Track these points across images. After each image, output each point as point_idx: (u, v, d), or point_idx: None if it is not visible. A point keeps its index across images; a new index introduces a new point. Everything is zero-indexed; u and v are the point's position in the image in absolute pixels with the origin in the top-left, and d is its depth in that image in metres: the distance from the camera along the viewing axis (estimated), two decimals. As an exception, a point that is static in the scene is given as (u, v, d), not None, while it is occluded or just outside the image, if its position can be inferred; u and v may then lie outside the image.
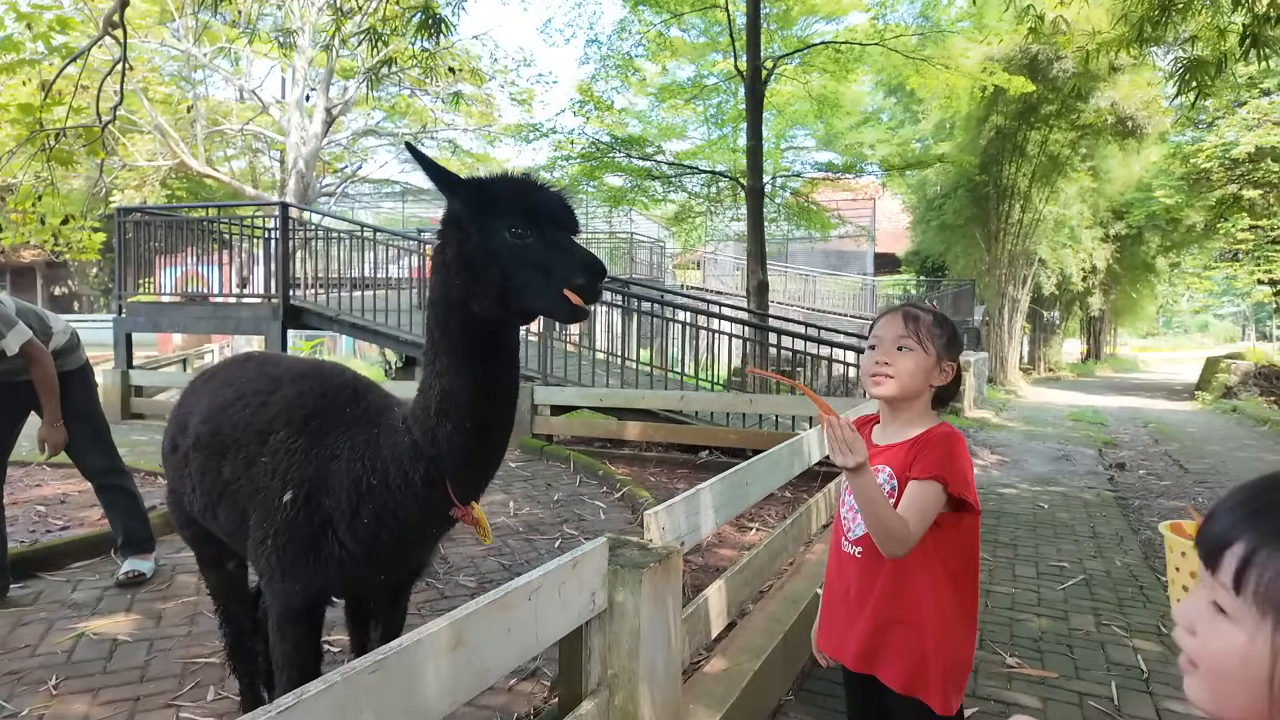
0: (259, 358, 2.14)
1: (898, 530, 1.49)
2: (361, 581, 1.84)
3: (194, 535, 2.17)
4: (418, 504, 1.67)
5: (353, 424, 1.75)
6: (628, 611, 1.89)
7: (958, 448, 1.59)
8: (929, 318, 1.67)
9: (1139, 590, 4.27)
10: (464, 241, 1.57)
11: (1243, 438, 11.19)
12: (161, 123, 16.25)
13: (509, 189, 1.58)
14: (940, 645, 1.60)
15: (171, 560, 4.03)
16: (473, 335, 1.59)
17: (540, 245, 1.53)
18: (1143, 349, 46.82)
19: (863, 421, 1.84)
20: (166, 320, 9.33)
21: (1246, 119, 16.94)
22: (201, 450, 1.91)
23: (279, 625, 1.76)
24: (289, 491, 1.69)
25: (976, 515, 1.62)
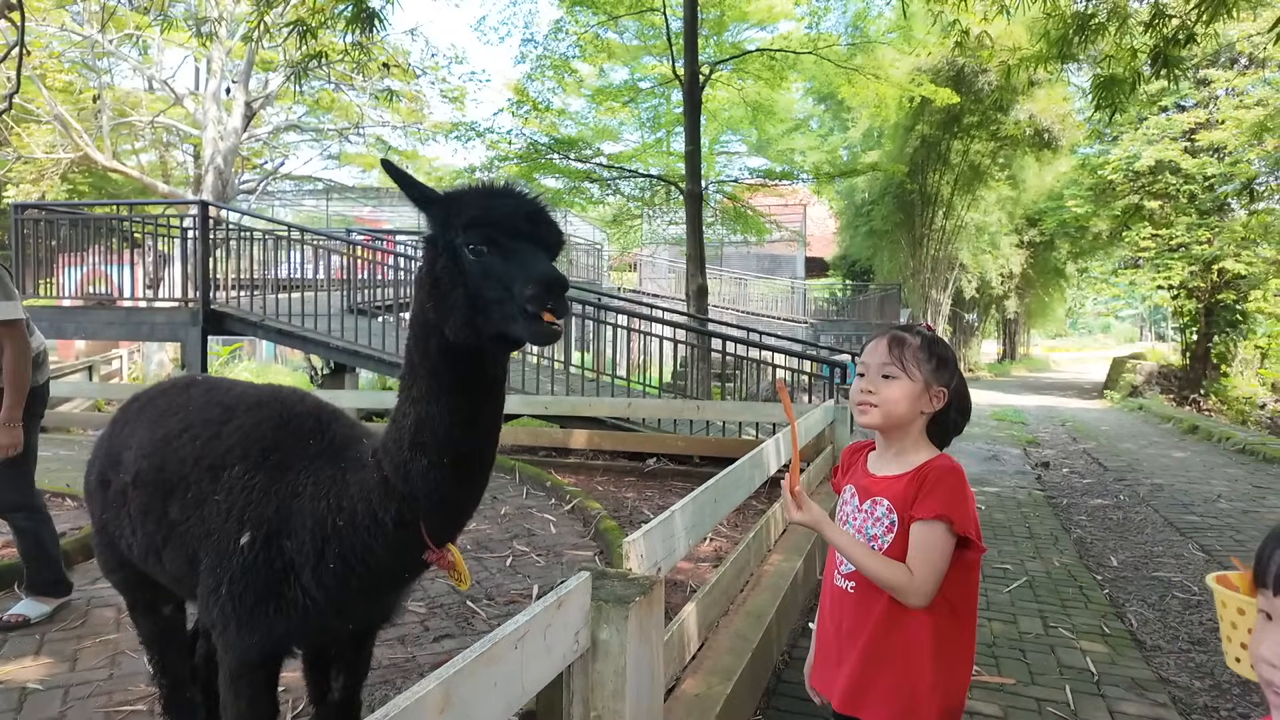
0: (205, 383, 1.94)
1: (900, 581, 1.47)
2: (327, 631, 1.68)
3: (126, 579, 1.95)
4: (388, 547, 1.52)
5: (316, 457, 1.59)
6: (612, 650, 1.78)
7: (961, 483, 1.55)
8: (915, 341, 1.61)
9: (1079, 590, 4.42)
10: (434, 261, 1.44)
11: (1151, 435, 11.87)
12: (61, 112, 15.16)
13: (470, 200, 1.44)
14: (934, 688, 1.55)
15: (86, 593, 3.70)
16: (454, 361, 1.45)
17: (499, 261, 1.38)
18: (1053, 349, 49.38)
19: (857, 448, 1.79)
20: (72, 326, 8.67)
21: (1148, 134, 18.04)
22: (143, 488, 1.71)
23: (232, 681, 1.59)
24: (247, 533, 1.52)
25: (980, 551, 1.58)
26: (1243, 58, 17.27)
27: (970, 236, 20.94)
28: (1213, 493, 7.24)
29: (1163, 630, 3.90)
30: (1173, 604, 4.28)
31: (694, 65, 10.51)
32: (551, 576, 4.20)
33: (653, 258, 23.99)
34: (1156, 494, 7.18)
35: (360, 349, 7.82)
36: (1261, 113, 15.11)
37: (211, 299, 8.15)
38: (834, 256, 27.13)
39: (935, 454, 1.62)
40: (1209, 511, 6.47)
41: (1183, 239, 17.56)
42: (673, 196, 15.22)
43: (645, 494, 6.20)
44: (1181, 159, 17.36)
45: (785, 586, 3.52)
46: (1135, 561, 5.09)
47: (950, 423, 1.65)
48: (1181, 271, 17.53)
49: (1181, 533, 5.79)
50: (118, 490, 1.79)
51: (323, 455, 1.59)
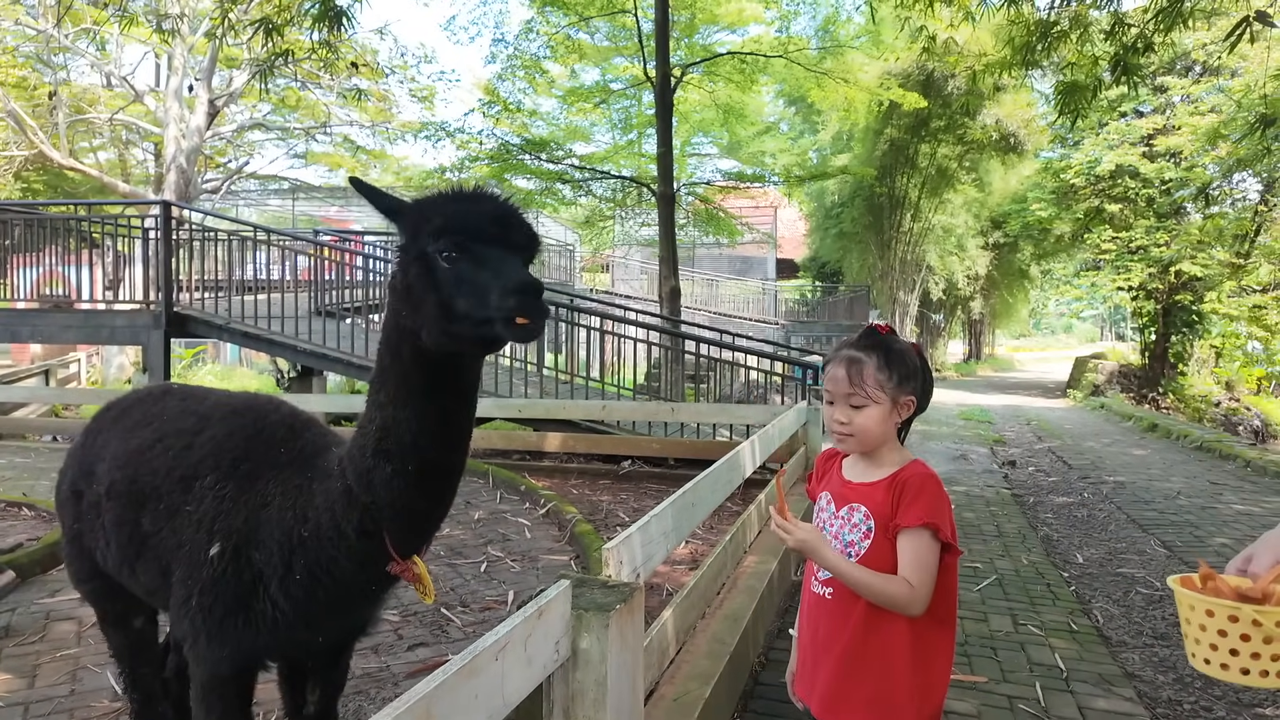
0: (179, 391, 1.89)
1: (900, 594, 1.48)
2: (298, 644, 1.64)
3: (96, 591, 1.89)
4: (352, 558, 1.49)
5: (285, 466, 1.56)
6: (593, 659, 1.77)
7: (940, 489, 1.56)
8: (872, 360, 1.59)
9: (1047, 588, 4.50)
10: (406, 269, 1.42)
11: (1113, 433, 12.15)
12: (15, 108, 14.71)
13: (438, 206, 1.41)
14: (912, 694, 1.55)
15: (44, 606, 3.58)
16: (426, 366, 1.41)
17: (470, 267, 1.35)
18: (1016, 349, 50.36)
19: (831, 454, 1.80)
20: (27, 329, 8.39)
21: (1108, 139, 18.48)
22: (117, 499, 1.67)
23: (203, 696, 1.55)
24: (216, 544, 1.49)
25: (957, 554, 1.59)
26: (1197, 66, 17.79)
27: (938, 238, 21.27)
28: (1172, 489, 7.43)
29: (1128, 626, 3.98)
30: (1136, 600, 4.38)
31: (666, 67, 10.53)
32: (527, 582, 4.17)
33: (625, 259, 24.00)
34: (1119, 491, 7.35)
35: (328, 352, 7.70)
36: (1215, 119, 15.56)
37: (174, 301, 7.95)
38: (804, 258, 27.38)
39: (909, 459, 1.64)
40: (1169, 508, 6.64)
41: (1142, 241, 18.02)
42: (645, 198, 15.24)
43: (620, 497, 6.19)
44: (1140, 164, 17.81)
45: (761, 589, 3.54)
46: (1100, 558, 5.20)
47: (910, 420, 1.66)
48: (1141, 273, 17.98)
49: (1143, 529, 5.93)
50: (91, 502, 1.74)
51: (292, 464, 1.56)
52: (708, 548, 4.75)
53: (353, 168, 23.55)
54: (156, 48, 16.20)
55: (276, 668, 1.81)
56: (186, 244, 8.89)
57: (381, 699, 2.82)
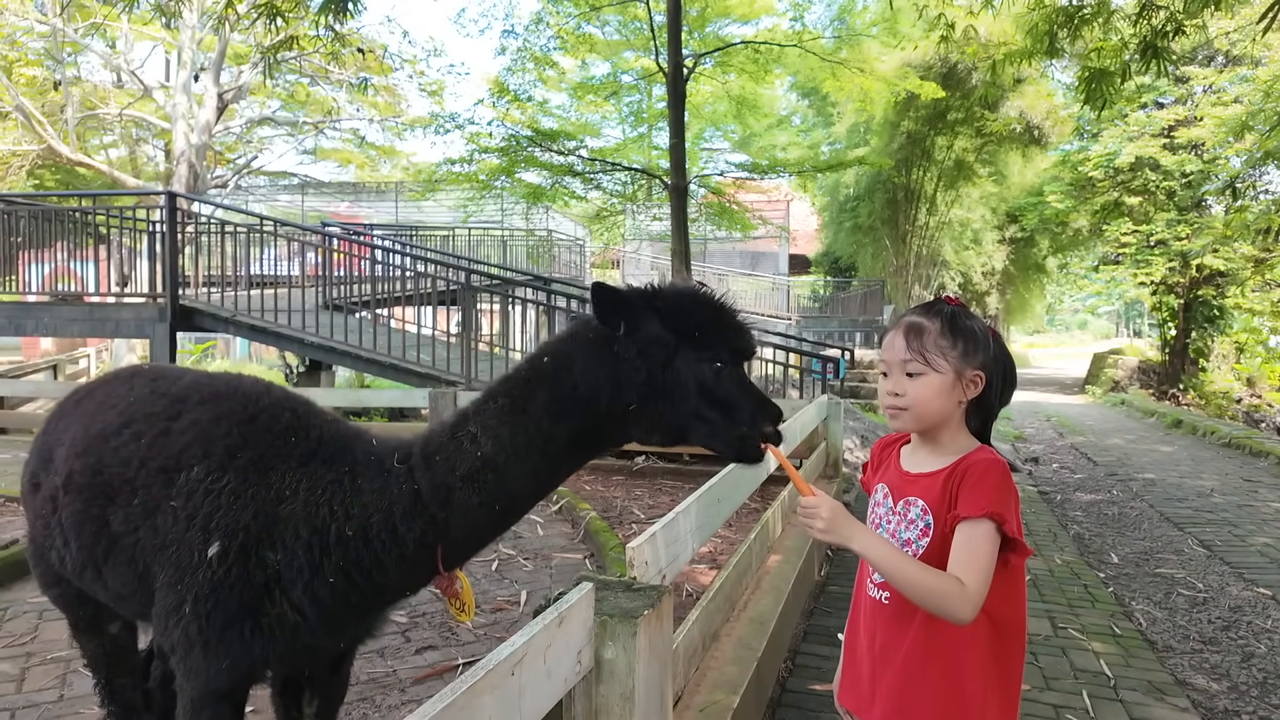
0: (148, 372, 1.71)
1: (950, 591, 1.26)
2: (312, 651, 1.48)
3: (64, 595, 1.72)
4: (400, 565, 1.39)
5: (308, 458, 1.41)
6: (619, 671, 1.59)
7: (1007, 478, 1.36)
8: (934, 326, 1.41)
9: (1084, 589, 4.29)
10: (657, 366, 1.38)
11: (1136, 429, 11.88)
12: (24, 103, 14.66)
13: (714, 318, 1.44)
14: (984, 711, 1.37)
15: (36, 605, 3.44)
16: (586, 441, 1.45)
17: (732, 385, 1.42)
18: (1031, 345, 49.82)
19: (889, 441, 1.61)
20: (33, 322, 8.29)
21: (1128, 130, 18.13)
22: (76, 493, 1.50)
23: (193, 711, 1.38)
24: (216, 544, 1.33)
25: (1025, 555, 1.40)
26: (1220, 55, 17.42)
27: (954, 233, 20.97)
28: (1205, 487, 7.18)
29: (1172, 630, 3.78)
30: (1179, 602, 4.17)
31: (677, 57, 10.33)
32: (540, 581, 4.00)
33: (636, 254, 23.82)
34: (1149, 489, 7.12)
35: (336, 345, 7.55)
36: (1241, 110, 15.21)
37: (181, 294, 7.83)
38: (817, 253, 27.10)
39: (974, 446, 1.44)
40: (1204, 506, 6.40)
41: (1162, 235, 17.67)
42: (656, 192, 15.05)
43: (634, 493, 6.01)
44: (1161, 155, 17.46)
45: (787, 590, 3.35)
46: (1136, 558, 4.98)
47: (993, 400, 1.46)
48: (1161, 267, 17.64)
49: (1179, 527, 5.71)
50: (46, 495, 1.57)
51: (315, 456, 1.41)
52: (728, 546, 4.57)
53: (361, 163, 23.48)
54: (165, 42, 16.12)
55: (271, 678, 1.64)
56: (194, 238, 8.78)
57: (387, 706, 2.65)
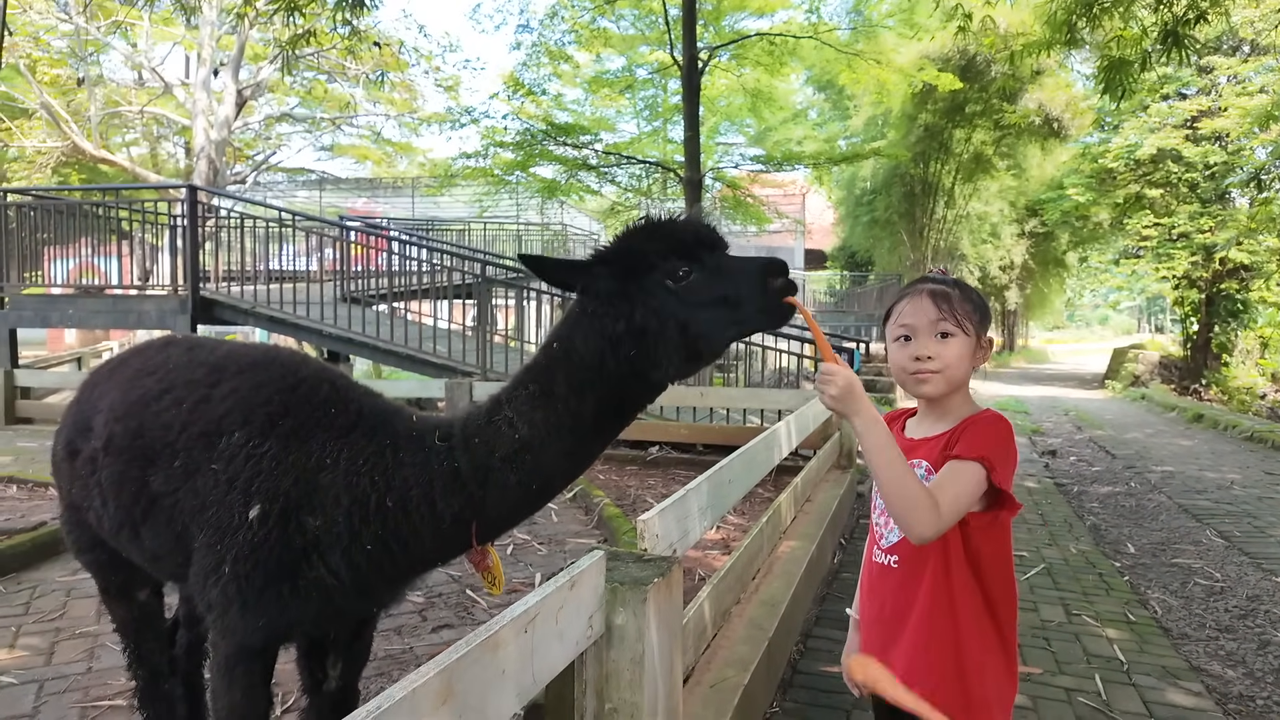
0: (185, 341, 1.75)
1: (921, 502, 1.24)
2: (344, 614, 1.54)
3: (98, 561, 1.78)
4: (436, 537, 1.44)
5: (349, 429, 1.45)
6: (629, 636, 1.62)
7: (1008, 432, 1.38)
8: (957, 292, 1.44)
9: (1099, 578, 4.27)
10: (628, 314, 1.38)
11: (1156, 424, 11.74)
12: (49, 100, 14.90)
13: (647, 238, 1.42)
14: (983, 665, 1.40)
15: (64, 584, 3.53)
16: (614, 408, 1.46)
17: (712, 276, 1.38)
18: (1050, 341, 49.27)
19: (894, 416, 1.62)
20: (57, 314, 8.45)
21: (1149, 122, 17.88)
22: (117, 455, 1.54)
23: (227, 668, 1.43)
24: (256, 506, 1.37)
25: (1015, 509, 1.41)
26: (1245, 44, 17.13)
27: (972, 226, 20.81)
28: (1224, 479, 7.10)
29: (1188, 618, 3.75)
30: (1196, 591, 4.14)
31: (692, 49, 10.33)
32: (554, 564, 4.04)
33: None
34: (1168, 481, 7.05)
35: (354, 336, 7.64)
36: (1266, 100, 14.96)
37: (201, 286, 7.95)
38: (833, 248, 26.98)
39: (979, 408, 1.46)
40: (1223, 498, 6.33)
41: (1185, 228, 17.42)
42: (671, 185, 15.03)
43: (648, 482, 6.05)
44: (1183, 147, 17.20)
45: (799, 574, 3.37)
46: (1153, 548, 4.95)
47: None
48: (1184, 261, 17.40)
49: (1197, 519, 5.66)
50: (86, 458, 1.62)
51: (356, 428, 1.45)
52: (740, 533, 4.59)
53: (378, 159, 23.65)
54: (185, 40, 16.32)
55: (296, 643, 1.68)
56: (214, 233, 8.90)
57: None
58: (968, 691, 1.39)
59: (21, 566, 3.67)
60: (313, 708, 1.70)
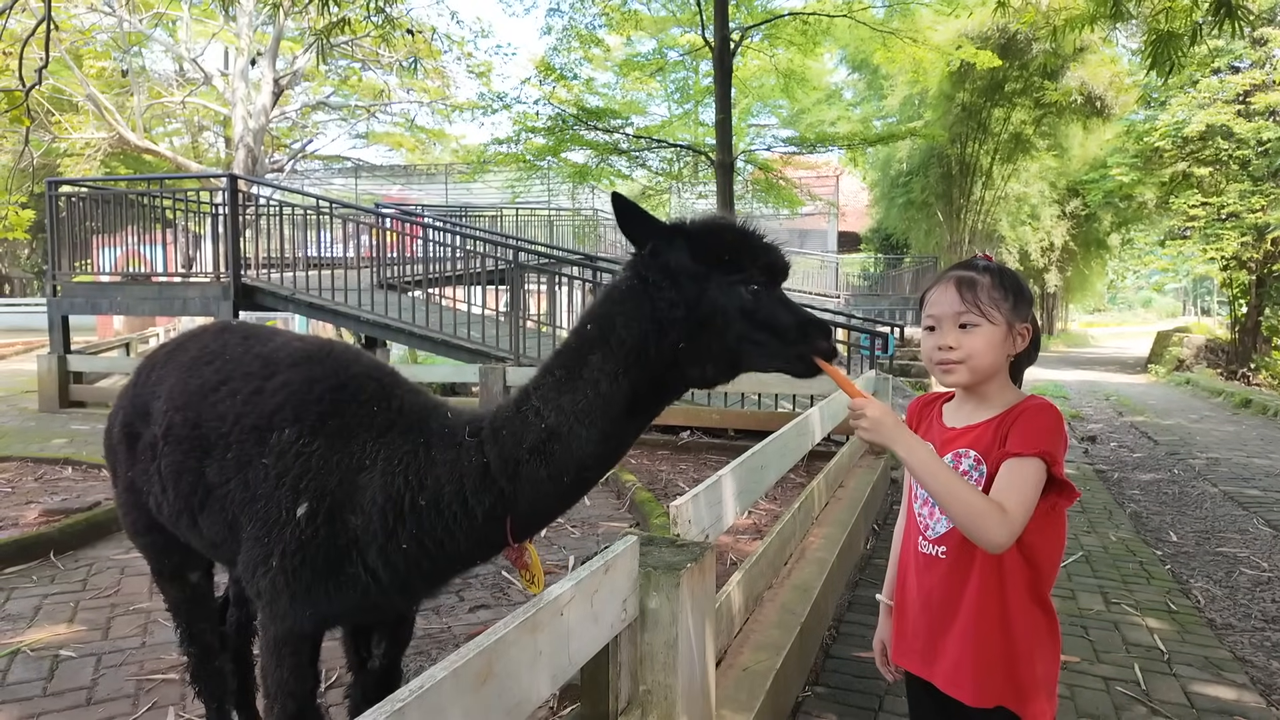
0: (241, 329, 1.79)
1: (991, 512, 1.23)
2: (384, 608, 1.59)
3: (154, 544, 1.85)
4: (470, 536, 1.44)
5: (387, 428, 1.47)
6: (662, 619, 1.65)
7: (1059, 421, 1.35)
8: (986, 279, 1.41)
9: (1140, 566, 4.20)
10: (694, 296, 1.36)
11: (1200, 409, 11.44)
12: (94, 92, 15.28)
13: (742, 241, 1.41)
14: (1032, 651, 1.39)
15: (119, 561, 3.67)
16: (646, 397, 1.42)
17: (776, 304, 1.40)
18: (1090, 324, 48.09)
19: (929, 400, 1.61)
20: (106, 301, 8.72)
21: (1198, 97, 17.25)
22: (176, 444, 1.59)
23: (276, 649, 1.49)
24: (304, 504, 1.41)
25: (1072, 499, 1.39)
26: (1303, 14, 16.40)
27: (1011, 208, 20.33)
28: (1275, 467, 6.91)
29: (1233, 608, 3.68)
30: (1241, 581, 4.05)
31: (724, 30, 10.21)
32: (587, 547, 4.09)
33: (682, 233, 23.69)
34: (1213, 468, 6.88)
35: (390, 322, 7.76)
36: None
37: (242, 273, 8.13)
38: (867, 230, 26.57)
39: (1023, 396, 1.43)
40: (1272, 486, 6.16)
41: (1234, 207, 16.81)
42: (701, 169, 14.93)
43: (679, 467, 6.07)
44: (1234, 123, 16.57)
45: (831, 560, 3.37)
46: (1196, 537, 4.84)
47: (1024, 360, 1.46)
48: (1233, 242, 16.81)
49: (1244, 507, 5.52)
50: (147, 444, 1.68)
51: (395, 426, 1.47)
52: (771, 519, 4.60)
53: (412, 146, 23.84)
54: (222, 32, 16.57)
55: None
56: (254, 221, 9.08)
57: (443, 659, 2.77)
58: (1018, 677, 1.38)
59: (78, 545, 3.82)
60: (357, 685, 1.76)
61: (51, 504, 4.37)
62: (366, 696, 1.75)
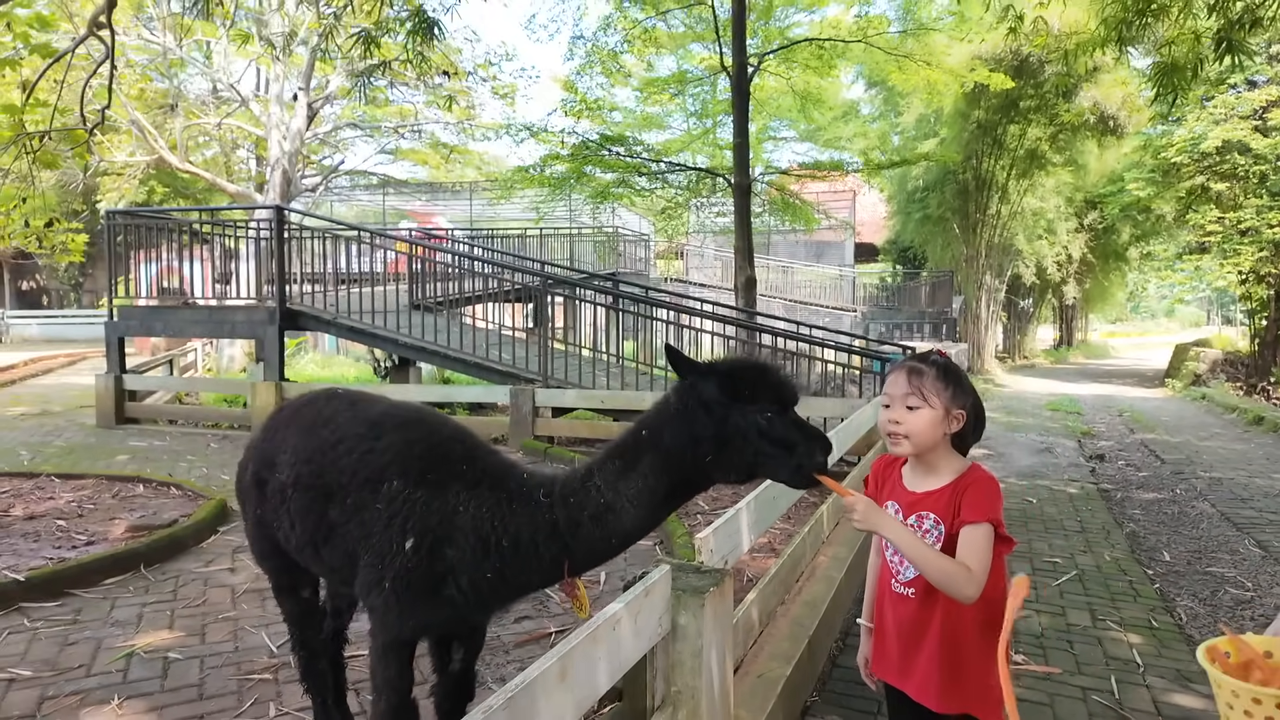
0: (346, 396, 2.22)
1: (960, 574, 1.63)
2: (468, 621, 2.02)
3: (276, 566, 2.27)
4: (538, 572, 1.87)
5: (477, 483, 1.87)
6: (690, 634, 2.04)
7: (997, 490, 1.75)
8: (932, 371, 1.79)
9: (1129, 584, 4.51)
10: (719, 421, 1.76)
11: (1213, 426, 11.61)
12: (139, 118, 15.98)
13: (762, 378, 1.79)
14: (987, 669, 1.75)
15: (202, 574, 4.12)
16: (680, 489, 1.84)
17: (785, 427, 1.75)
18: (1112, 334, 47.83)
19: (889, 461, 1.98)
20: (160, 324, 9.29)
21: (1214, 113, 17.39)
22: (304, 490, 2.01)
23: (384, 653, 1.90)
24: (411, 539, 1.81)
25: (1011, 547, 1.77)
26: (1319, 31, 16.49)
27: (1027, 223, 20.52)
28: (1274, 487, 7.15)
29: (1211, 625, 3.98)
30: (1224, 599, 4.35)
31: (742, 56, 10.58)
32: (616, 565, 4.47)
33: (700, 248, 24.08)
34: (1214, 488, 7.13)
35: (426, 345, 8.22)
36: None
37: (287, 298, 8.63)
38: (885, 241, 26.80)
39: (967, 464, 1.82)
40: (1268, 507, 6.42)
41: (1252, 222, 16.92)
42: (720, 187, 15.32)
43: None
44: (1251, 139, 16.70)
45: (839, 578, 3.73)
46: (1188, 556, 5.14)
47: (969, 435, 1.84)
48: (1251, 257, 16.91)
49: (1238, 528, 5.79)
50: (275, 489, 2.09)
51: (481, 482, 1.88)
52: (784, 537, 4.96)
53: (437, 164, 24.44)
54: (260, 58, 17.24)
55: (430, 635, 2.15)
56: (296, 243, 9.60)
57: (495, 664, 3.17)
58: (981, 690, 1.75)
59: (164, 559, 4.26)
60: (440, 684, 2.16)
61: (134, 520, 4.84)
62: (447, 693, 2.15)
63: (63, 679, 2.94)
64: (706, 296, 19.76)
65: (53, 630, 3.35)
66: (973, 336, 20.27)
